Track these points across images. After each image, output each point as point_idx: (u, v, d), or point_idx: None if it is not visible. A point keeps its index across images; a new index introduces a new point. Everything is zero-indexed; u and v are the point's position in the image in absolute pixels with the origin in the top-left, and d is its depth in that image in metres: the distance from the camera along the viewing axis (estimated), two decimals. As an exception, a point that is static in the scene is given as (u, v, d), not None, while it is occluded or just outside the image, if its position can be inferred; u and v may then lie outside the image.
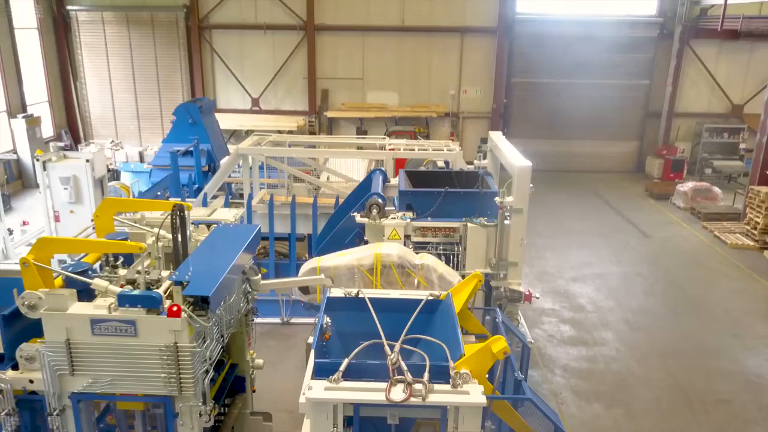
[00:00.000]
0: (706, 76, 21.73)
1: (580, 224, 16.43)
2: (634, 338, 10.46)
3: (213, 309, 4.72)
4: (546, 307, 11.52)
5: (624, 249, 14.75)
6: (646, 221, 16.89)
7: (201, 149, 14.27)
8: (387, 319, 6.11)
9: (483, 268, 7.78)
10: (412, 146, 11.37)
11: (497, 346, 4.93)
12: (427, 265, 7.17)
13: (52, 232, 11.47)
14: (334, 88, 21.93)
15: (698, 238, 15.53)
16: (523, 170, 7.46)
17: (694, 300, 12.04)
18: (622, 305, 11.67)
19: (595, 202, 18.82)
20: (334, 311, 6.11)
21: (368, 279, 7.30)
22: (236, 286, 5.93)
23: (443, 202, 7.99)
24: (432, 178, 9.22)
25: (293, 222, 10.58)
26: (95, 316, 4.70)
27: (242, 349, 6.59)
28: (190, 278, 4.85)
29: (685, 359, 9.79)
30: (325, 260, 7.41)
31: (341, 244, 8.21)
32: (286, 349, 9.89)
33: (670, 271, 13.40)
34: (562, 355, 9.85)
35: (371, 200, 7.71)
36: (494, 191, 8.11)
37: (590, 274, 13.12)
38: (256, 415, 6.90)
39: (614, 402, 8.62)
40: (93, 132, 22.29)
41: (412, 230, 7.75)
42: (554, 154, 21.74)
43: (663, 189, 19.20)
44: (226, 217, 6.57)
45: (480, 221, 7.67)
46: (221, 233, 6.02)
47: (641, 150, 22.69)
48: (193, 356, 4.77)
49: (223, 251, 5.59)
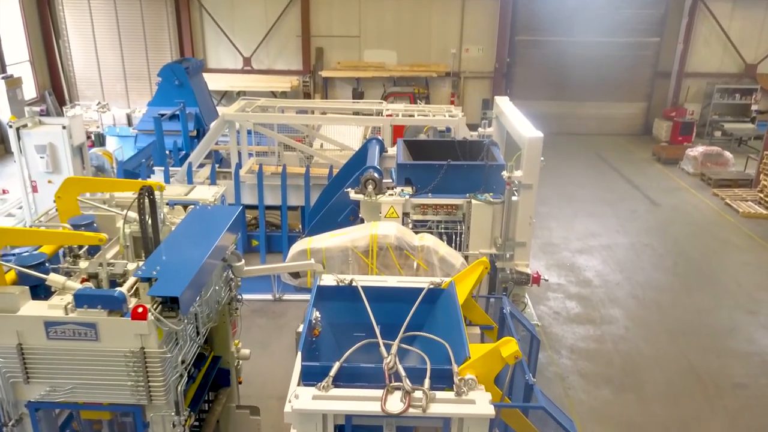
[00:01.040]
0: (719, 34, 20.74)
1: (586, 191, 15.79)
2: (644, 315, 9.97)
3: (184, 310, 4.14)
4: (551, 281, 10.98)
5: (631, 218, 14.16)
6: (654, 188, 16.26)
7: (188, 113, 13.54)
8: (384, 309, 5.57)
9: (488, 249, 7.19)
10: (411, 111, 10.63)
11: (507, 349, 4.37)
12: (427, 247, 6.58)
13: (29, 203, 10.83)
14: (330, 47, 20.94)
15: (708, 206, 14.93)
16: (533, 142, 6.79)
17: (705, 273, 11.51)
18: (631, 279, 11.15)
19: (600, 167, 18.14)
20: (326, 301, 5.56)
21: (363, 262, 6.72)
22: (216, 275, 5.34)
23: (445, 176, 7.34)
24: (433, 149, 8.55)
25: (284, 195, 9.95)
26: (49, 318, 4.12)
27: (225, 340, 6.05)
28: (158, 274, 4.24)
29: (697, 338, 9.31)
30: (317, 241, 6.81)
31: (334, 222, 7.60)
32: (276, 329, 9.38)
33: (679, 242, 12.85)
34: (569, 335, 9.36)
35: (367, 175, 7.05)
36: (501, 164, 7.45)
37: (597, 246, 12.57)
38: (242, 409, 6.41)
39: (624, 386, 8.17)
40: (78, 93, 21.38)
41: (411, 207, 7.12)
42: (558, 117, 20.94)
43: (671, 153, 18.50)
44: (205, 196, 5.93)
45: (485, 198, 7.04)
46: (198, 216, 5.40)
47: (649, 112, 21.89)
48: (164, 362, 4.21)
49: (199, 238, 4.98)
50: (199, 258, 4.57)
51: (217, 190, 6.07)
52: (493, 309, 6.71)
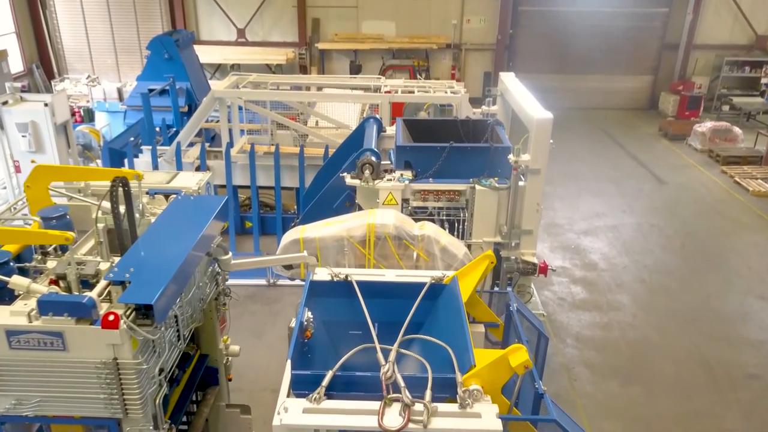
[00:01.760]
0: (730, 4, 20.01)
1: (591, 168, 15.33)
2: (652, 301, 9.62)
3: (159, 318, 3.74)
4: (556, 264, 10.59)
5: (638, 197, 13.73)
6: (661, 165, 15.79)
7: (179, 88, 12.98)
8: (381, 306, 5.20)
9: (492, 237, 6.78)
10: (411, 87, 10.11)
11: (516, 358, 3.99)
12: (427, 236, 6.16)
13: (12, 186, 10.37)
14: (326, 18, 20.22)
15: (717, 184, 14.49)
16: (542, 123, 6.33)
17: (714, 256, 11.13)
18: (638, 262, 10.77)
19: (605, 143, 17.65)
20: (319, 297, 5.18)
21: (360, 252, 6.31)
22: (200, 272, 4.94)
23: (447, 158, 6.89)
24: (433, 128, 8.07)
25: (277, 176, 9.49)
26: (11, 326, 3.73)
27: (213, 337, 5.67)
28: (131, 276, 3.84)
29: (708, 325, 8.97)
30: (310, 230, 6.39)
31: (329, 208, 7.17)
32: (271, 316, 9.04)
33: (687, 223, 12.44)
34: (574, 322, 9.02)
35: (363, 159, 6.60)
36: (506, 146, 7.00)
37: (602, 227, 12.16)
38: (232, 408, 6.07)
39: (631, 378, 7.84)
40: (67, 66, 20.71)
41: (411, 194, 6.69)
42: (562, 90, 20.30)
43: (678, 129, 17.96)
44: (188, 184, 5.48)
45: (490, 183, 6.60)
46: (180, 208, 4.96)
47: (655, 85, 21.27)
48: (139, 374, 3.83)
49: (180, 233, 4.55)
50: (178, 257, 4.15)
51: (201, 178, 5.62)
52: (497, 301, 6.32)
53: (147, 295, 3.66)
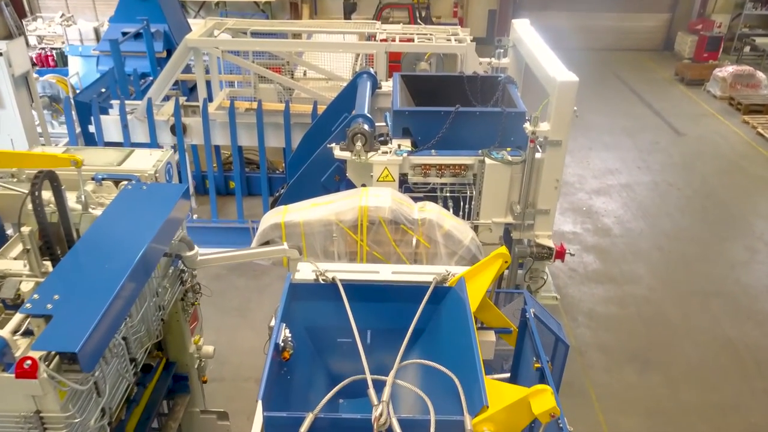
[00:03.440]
0: (758, -67, 18.39)
1: (602, 119, 14.27)
2: (670, 272, 8.87)
3: (88, 367, 2.93)
4: (566, 229, 9.81)
5: (653, 150, 12.78)
6: (677, 114, 14.73)
7: (155, 30, 11.80)
8: (375, 311, 4.42)
9: (503, 217, 5.92)
10: (410, 34, 8.99)
11: (540, 404, 3.21)
12: (429, 220, 5.30)
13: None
14: (319, -51, 18.60)
15: (738, 136, 13.51)
16: (566, 88, 5.36)
17: (737, 219, 10.31)
18: (655, 227, 9.97)
19: (618, 89, 16.49)
20: (301, 301, 4.38)
21: (351, 238, 5.48)
22: (158, 277, 4.12)
23: (452, 124, 5.93)
24: (436, 86, 7.06)
25: (261, 136, 8.53)
26: None
27: (181, 342, 4.92)
28: (54, 308, 3.01)
29: (732, 301, 8.26)
30: (293, 212, 5.52)
31: (316, 183, 6.27)
32: (257, 291, 8.30)
33: (707, 181, 11.56)
34: (587, 297, 8.30)
35: (354, 128, 5.64)
36: (521, 111, 6.04)
37: (616, 185, 11.29)
38: (208, 414, 5.39)
39: (649, 364, 7.17)
40: (39, 4, 19.18)
41: (410, 168, 5.78)
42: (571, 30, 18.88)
43: (696, 73, 16.77)
44: (143, 166, 4.56)
45: (502, 156, 5.68)
46: (129, 201, 4.06)
47: (671, 24, 19.88)
48: (71, 428, 3.07)
49: (125, 239, 3.69)
50: (119, 274, 3.31)
51: (159, 158, 4.69)
52: (510, 313, 5.50)
53: (69, 339, 2.83)
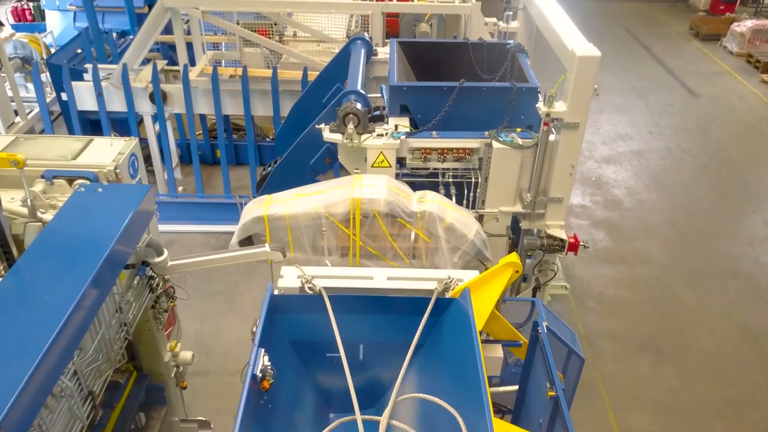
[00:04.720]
0: None
1: (612, 78, 13.48)
2: (684, 250, 8.36)
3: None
4: (574, 202, 9.24)
5: (666, 113, 12.08)
6: (691, 72, 13.94)
7: (136, -18, 10.90)
8: (369, 323, 3.95)
9: (511, 206, 5.36)
10: (409, -10, 8.20)
11: None
12: (429, 213, 4.74)
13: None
14: None
15: (757, 97, 12.77)
16: (586, 63, 4.69)
17: (756, 190, 9.74)
18: (668, 199, 9.40)
19: (628, 45, 15.60)
20: (285, 314, 3.89)
21: (343, 233, 4.92)
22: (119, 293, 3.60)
23: (456, 102, 5.30)
24: (438, 54, 6.37)
25: (247, 106, 7.86)
26: None
27: (154, 352, 4.44)
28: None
29: (750, 283, 7.78)
30: (278, 204, 4.95)
31: (305, 165, 5.67)
32: (246, 274, 7.79)
33: (723, 147, 10.92)
34: (595, 278, 7.81)
35: (346, 107, 4.99)
36: (533, 86, 5.38)
37: (626, 153, 10.66)
38: (188, 423, 4.98)
39: (663, 354, 6.74)
40: (14, -49, 17.94)
41: (409, 152, 5.17)
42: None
43: (712, 27, 15.84)
44: (102, 160, 3.95)
45: (512, 138, 5.07)
46: (79, 209, 3.49)
47: (687, -28, 18.75)
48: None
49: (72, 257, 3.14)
50: (60, 310, 2.78)
51: (122, 148, 4.07)
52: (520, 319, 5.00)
53: (-11, 407, 2.32)
